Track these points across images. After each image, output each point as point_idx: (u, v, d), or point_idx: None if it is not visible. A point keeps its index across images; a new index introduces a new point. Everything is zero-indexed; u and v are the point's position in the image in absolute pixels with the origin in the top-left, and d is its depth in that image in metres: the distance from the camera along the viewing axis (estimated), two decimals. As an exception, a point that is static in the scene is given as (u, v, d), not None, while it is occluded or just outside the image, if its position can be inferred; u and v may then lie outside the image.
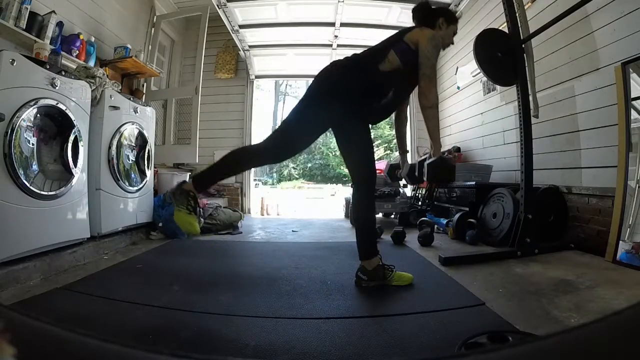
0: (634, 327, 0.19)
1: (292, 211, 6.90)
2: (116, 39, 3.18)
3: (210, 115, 4.39)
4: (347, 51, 2.47)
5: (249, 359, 0.91)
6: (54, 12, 2.30)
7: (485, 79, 3.17)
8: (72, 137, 1.86)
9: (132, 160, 2.49)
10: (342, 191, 9.71)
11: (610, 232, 1.85)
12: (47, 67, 1.74)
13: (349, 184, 1.84)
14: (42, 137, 1.73)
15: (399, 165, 2.02)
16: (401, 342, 1.02)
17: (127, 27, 3.40)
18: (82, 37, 2.62)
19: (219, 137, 4.50)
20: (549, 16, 2.08)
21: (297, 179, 15.41)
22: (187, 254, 2.22)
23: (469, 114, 3.77)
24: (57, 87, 1.75)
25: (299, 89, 18.19)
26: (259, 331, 1.08)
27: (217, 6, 3.47)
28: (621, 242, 1.77)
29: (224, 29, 3.95)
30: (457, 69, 3.96)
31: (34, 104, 1.61)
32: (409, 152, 2.20)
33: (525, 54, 2.08)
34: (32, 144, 1.65)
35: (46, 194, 1.68)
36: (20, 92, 1.56)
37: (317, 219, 4.27)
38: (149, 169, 2.66)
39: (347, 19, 3.78)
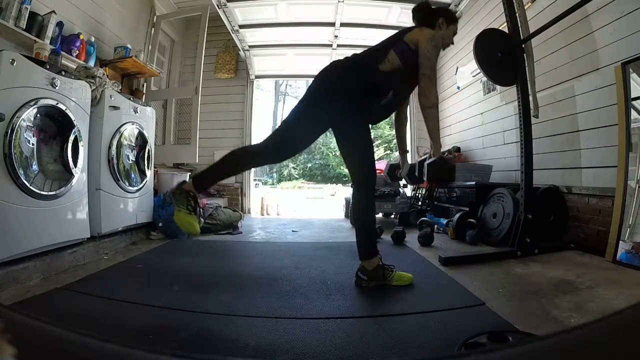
0: (634, 327, 0.19)
1: (292, 211, 6.90)
2: (116, 39, 3.18)
3: (210, 115, 4.39)
4: (347, 51, 2.46)
5: (249, 359, 0.91)
6: (54, 12, 2.30)
7: (485, 79, 3.17)
8: (72, 137, 1.86)
9: (132, 160, 2.49)
10: (342, 191, 9.71)
11: (610, 232, 1.85)
12: (47, 67, 1.74)
13: (349, 184, 1.84)
14: (42, 137, 1.73)
15: (399, 165, 2.02)
16: (401, 342, 1.02)
17: (127, 27, 3.40)
18: (82, 37, 2.62)
19: (219, 137, 4.50)
20: (549, 16, 2.08)
21: (297, 179, 15.41)
22: (187, 254, 2.22)
23: (469, 114, 3.77)
24: (57, 87, 1.75)
25: (299, 89, 18.20)
26: (259, 331, 1.08)
27: (217, 6, 3.48)
28: (621, 242, 1.77)
29: (224, 29, 3.95)
30: (457, 69, 3.96)
31: (34, 104, 1.62)
32: (409, 152, 2.19)
33: (525, 54, 2.08)
34: (32, 144, 1.65)
35: (46, 194, 1.68)
36: (20, 92, 1.56)
37: (317, 219, 4.27)
38: (149, 169, 2.66)
39: (347, 19, 3.78)
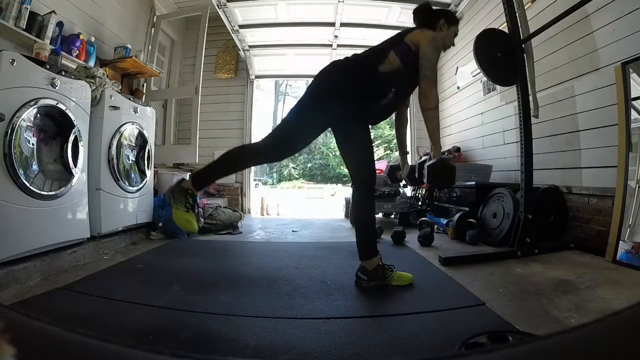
0: (634, 327, 0.19)
1: (292, 211, 6.89)
2: (116, 39, 3.18)
3: (210, 115, 4.39)
4: (347, 51, 2.46)
5: (249, 359, 0.91)
6: (54, 12, 2.30)
7: (485, 79, 3.17)
8: (72, 137, 1.86)
9: (132, 160, 2.49)
10: (342, 191, 9.70)
11: (610, 232, 1.85)
12: (47, 67, 1.74)
13: (349, 184, 1.84)
14: (42, 137, 1.73)
15: (399, 166, 2.02)
16: (401, 342, 1.02)
17: (127, 27, 3.40)
18: (82, 37, 2.62)
19: (219, 137, 4.50)
20: (549, 16, 2.08)
21: (297, 179, 15.40)
22: (187, 254, 2.22)
23: (469, 114, 3.77)
24: (57, 87, 1.75)
25: (299, 89, 18.19)
26: (259, 331, 1.08)
27: (217, 6, 3.47)
28: (621, 242, 1.77)
29: (224, 29, 3.95)
30: (457, 69, 3.96)
31: (34, 104, 1.62)
32: (409, 154, 2.19)
33: (525, 54, 2.08)
34: (32, 144, 1.65)
35: (46, 194, 1.68)
36: (20, 92, 1.56)
37: (317, 219, 4.27)
38: (149, 169, 2.66)
39: (347, 19, 3.78)
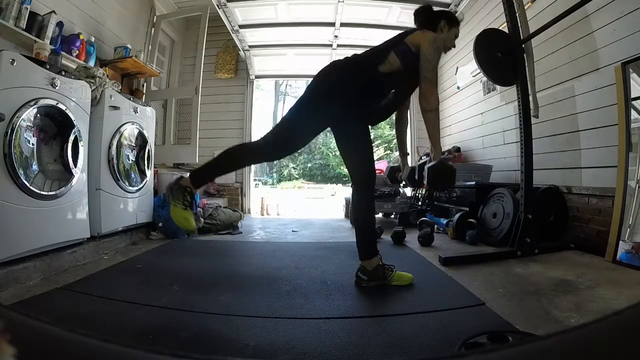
0: (634, 327, 0.19)
1: (292, 211, 6.89)
2: (116, 39, 3.18)
3: (210, 115, 4.39)
4: (347, 51, 2.46)
5: (249, 359, 0.91)
6: (54, 12, 2.30)
7: (485, 79, 3.17)
8: (72, 137, 1.86)
9: (132, 160, 2.49)
10: (342, 191, 9.70)
11: (610, 232, 1.85)
12: (47, 67, 1.74)
13: (349, 184, 1.84)
14: (42, 137, 1.73)
15: (400, 167, 2.02)
16: (401, 342, 1.02)
17: (127, 27, 3.40)
18: (82, 37, 2.62)
19: (219, 137, 4.50)
20: (549, 16, 2.08)
21: (297, 179, 15.40)
22: (187, 254, 2.22)
23: (469, 114, 3.77)
24: (57, 87, 1.75)
25: (299, 89, 18.17)
26: (259, 331, 1.08)
27: (217, 6, 3.47)
28: (621, 242, 1.77)
29: (224, 29, 3.95)
30: (457, 69, 3.96)
31: (34, 104, 1.61)
32: (409, 155, 2.20)
33: (525, 54, 2.08)
34: (32, 144, 1.65)
35: (46, 194, 1.68)
36: (20, 92, 1.56)
37: (317, 219, 4.27)
38: (149, 169, 2.66)
39: (347, 19, 3.78)
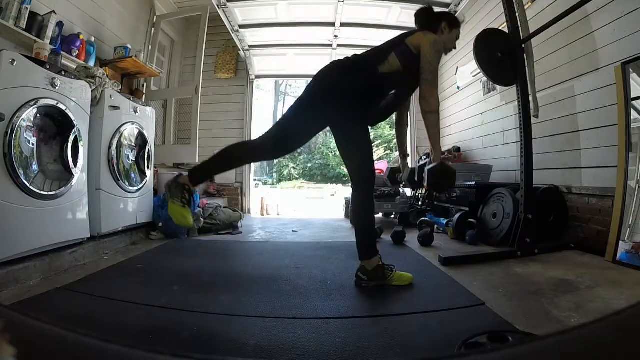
0: (634, 327, 0.19)
1: (292, 211, 6.89)
2: (116, 39, 3.18)
3: (210, 115, 4.38)
4: (347, 51, 2.46)
5: (249, 359, 0.91)
6: (54, 12, 2.30)
7: (485, 79, 3.17)
8: (72, 137, 1.86)
9: (132, 160, 2.49)
10: (342, 191, 9.69)
11: (610, 232, 1.85)
12: (47, 67, 1.74)
13: (349, 184, 1.84)
14: (42, 137, 1.73)
15: (400, 168, 2.02)
16: (401, 342, 1.02)
17: (127, 27, 3.40)
18: (82, 37, 2.62)
19: (219, 137, 4.49)
20: (549, 16, 2.08)
21: (297, 179, 15.39)
22: (187, 254, 2.22)
23: (469, 114, 3.77)
24: (57, 87, 1.75)
25: (299, 89, 18.15)
26: (259, 331, 1.08)
27: (217, 6, 3.47)
28: (621, 242, 1.77)
29: (224, 29, 3.95)
30: (457, 69, 3.96)
31: (34, 104, 1.61)
32: (410, 156, 2.20)
33: (525, 54, 2.08)
34: (32, 144, 1.65)
35: (46, 194, 1.68)
36: (20, 92, 1.56)
37: (317, 219, 4.27)
38: (149, 169, 2.66)
39: (347, 19, 3.77)
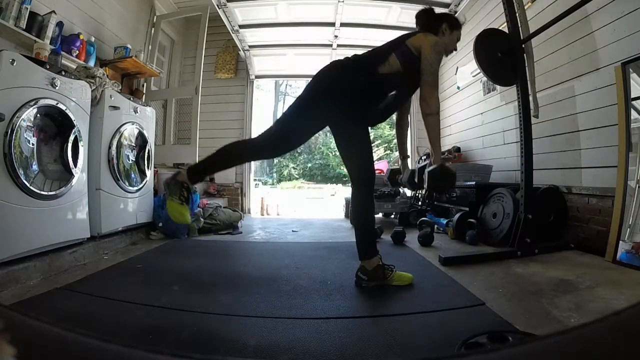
0: (634, 327, 0.19)
1: (292, 211, 6.89)
2: (116, 39, 3.18)
3: (210, 115, 4.38)
4: (347, 51, 2.46)
5: (249, 359, 0.91)
6: (54, 12, 2.30)
7: (485, 79, 3.17)
8: (72, 137, 1.86)
9: (132, 160, 2.49)
10: (342, 191, 9.68)
11: (610, 232, 1.85)
12: (47, 67, 1.74)
13: (349, 184, 1.84)
14: (42, 137, 1.73)
15: (400, 170, 2.02)
16: (401, 342, 1.02)
17: (127, 27, 3.40)
18: (82, 37, 2.62)
19: (219, 137, 4.47)
20: (549, 16, 2.08)
21: (297, 179, 15.38)
22: (187, 254, 2.22)
23: (469, 114, 3.77)
24: (57, 87, 1.75)
25: (298, 89, 18.11)
26: (259, 331, 1.08)
27: (217, 6, 3.47)
28: (621, 242, 1.77)
29: (224, 29, 3.95)
30: (457, 69, 3.96)
31: (34, 104, 1.61)
32: (410, 157, 2.20)
33: (525, 54, 2.08)
34: (32, 144, 1.65)
35: (46, 194, 1.68)
36: (20, 92, 1.56)
37: (317, 219, 4.27)
38: (149, 169, 2.66)
39: (347, 19, 3.77)
